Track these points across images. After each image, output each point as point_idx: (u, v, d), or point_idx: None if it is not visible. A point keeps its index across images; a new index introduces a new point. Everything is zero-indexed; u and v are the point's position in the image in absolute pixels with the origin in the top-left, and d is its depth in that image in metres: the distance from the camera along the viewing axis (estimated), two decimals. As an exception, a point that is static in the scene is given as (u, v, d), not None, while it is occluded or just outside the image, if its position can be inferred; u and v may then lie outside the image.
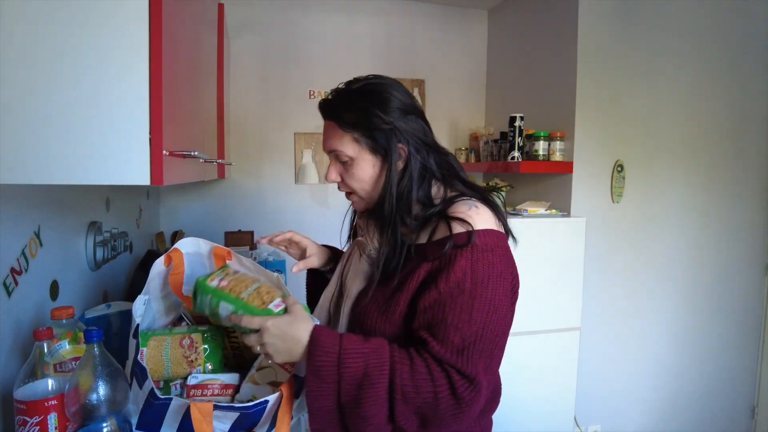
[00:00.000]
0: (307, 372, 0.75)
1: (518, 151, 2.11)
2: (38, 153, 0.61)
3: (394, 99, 0.85)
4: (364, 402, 0.73)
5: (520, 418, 1.91)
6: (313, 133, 2.62)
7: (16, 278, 0.88)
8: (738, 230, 2.41)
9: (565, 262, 1.96)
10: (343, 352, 0.74)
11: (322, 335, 0.76)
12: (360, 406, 0.73)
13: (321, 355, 0.74)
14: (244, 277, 0.86)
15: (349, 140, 0.85)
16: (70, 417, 0.72)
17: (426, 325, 0.77)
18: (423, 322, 0.78)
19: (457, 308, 0.75)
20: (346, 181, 0.90)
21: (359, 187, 0.89)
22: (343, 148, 0.86)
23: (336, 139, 0.86)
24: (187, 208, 2.52)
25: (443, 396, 0.73)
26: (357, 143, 0.85)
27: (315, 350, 0.75)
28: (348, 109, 0.84)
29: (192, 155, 0.78)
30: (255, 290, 0.81)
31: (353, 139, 0.85)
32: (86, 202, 1.29)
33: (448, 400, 0.73)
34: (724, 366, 2.46)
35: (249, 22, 2.49)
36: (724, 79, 2.31)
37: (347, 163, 0.87)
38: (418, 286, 0.80)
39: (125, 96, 0.63)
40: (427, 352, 0.76)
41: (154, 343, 0.87)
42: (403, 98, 0.86)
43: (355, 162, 0.87)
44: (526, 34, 2.48)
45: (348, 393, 0.74)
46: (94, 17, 0.61)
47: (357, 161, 0.86)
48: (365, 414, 0.73)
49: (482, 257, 0.78)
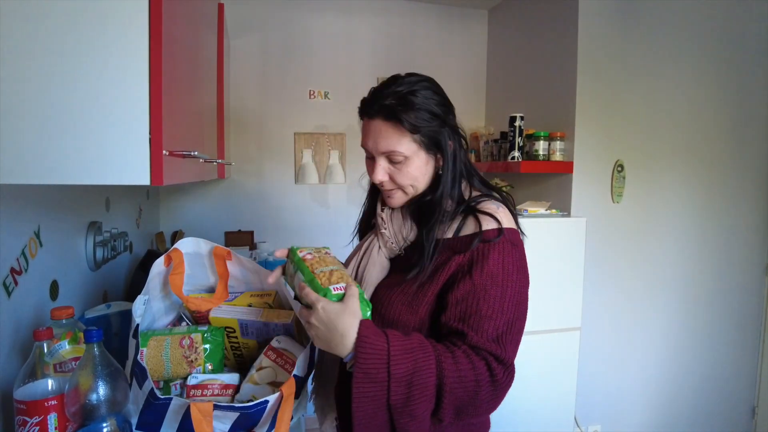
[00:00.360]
0: (356, 375, 0.73)
1: (518, 151, 2.11)
2: (38, 153, 0.61)
3: (446, 99, 0.88)
4: (414, 399, 0.73)
5: (520, 418, 1.91)
6: (312, 133, 2.62)
7: (16, 278, 0.88)
8: (738, 230, 2.41)
9: (565, 262, 1.95)
10: (392, 351, 0.74)
11: (369, 336, 0.74)
12: (410, 404, 0.73)
13: (370, 355, 0.73)
14: (330, 259, 0.86)
15: (409, 141, 0.85)
16: (70, 417, 0.72)
17: (460, 316, 0.80)
18: (456, 313, 0.80)
19: (490, 299, 0.79)
20: (395, 179, 0.89)
21: (409, 183, 0.89)
22: (402, 149, 0.85)
23: (395, 140, 0.85)
24: (187, 208, 2.52)
25: (484, 383, 0.76)
26: (415, 143, 0.86)
27: (363, 350, 0.73)
28: (411, 111, 0.83)
29: (192, 155, 0.78)
30: (329, 270, 0.81)
31: (413, 140, 0.85)
32: (86, 202, 1.29)
33: (487, 387, 0.76)
34: (724, 366, 2.46)
35: (249, 21, 2.49)
36: (724, 79, 2.31)
37: (399, 162, 0.87)
38: (447, 278, 0.83)
39: (125, 96, 0.63)
40: (463, 342, 0.78)
41: (154, 343, 0.87)
42: (446, 96, 0.89)
43: (409, 161, 0.86)
44: (527, 33, 2.48)
45: (397, 392, 0.73)
46: (94, 17, 0.61)
47: (412, 159, 0.86)
48: (414, 412, 0.74)
49: (512, 251, 0.83)
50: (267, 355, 0.88)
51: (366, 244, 0.97)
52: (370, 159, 0.91)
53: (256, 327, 0.92)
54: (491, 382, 0.77)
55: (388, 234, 0.92)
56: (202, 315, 0.95)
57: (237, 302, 0.98)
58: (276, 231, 2.62)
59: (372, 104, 0.86)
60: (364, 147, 0.90)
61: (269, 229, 2.62)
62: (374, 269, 0.92)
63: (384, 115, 0.85)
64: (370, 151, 0.89)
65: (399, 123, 0.83)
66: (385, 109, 0.84)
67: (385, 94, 0.85)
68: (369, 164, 0.92)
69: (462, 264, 0.83)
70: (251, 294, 1.00)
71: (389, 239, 0.92)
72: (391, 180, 0.89)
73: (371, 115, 0.86)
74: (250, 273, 1.01)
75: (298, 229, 2.65)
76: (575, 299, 1.99)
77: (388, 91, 0.85)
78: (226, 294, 0.98)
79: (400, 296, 0.86)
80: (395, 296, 0.86)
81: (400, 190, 0.90)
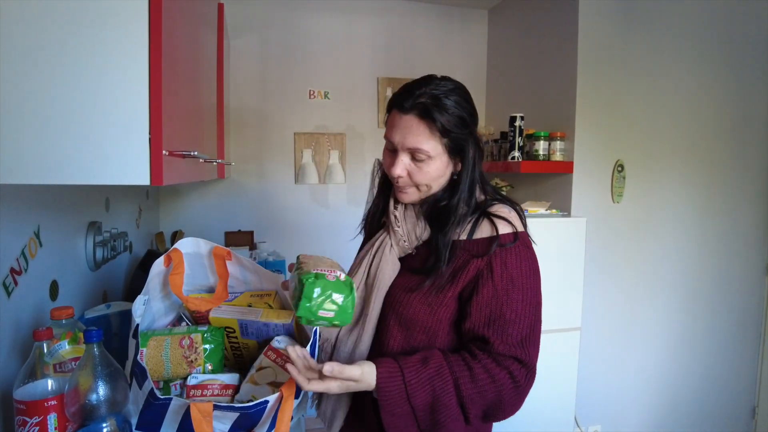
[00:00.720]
0: (382, 412, 0.80)
1: (518, 151, 2.11)
2: (38, 153, 0.61)
3: (474, 108, 0.90)
4: (440, 422, 0.80)
5: (519, 418, 1.90)
6: (312, 133, 2.62)
7: (16, 278, 0.88)
8: (738, 230, 2.41)
9: (566, 262, 1.95)
10: (409, 387, 0.79)
11: (385, 380, 0.79)
12: (438, 426, 0.80)
13: (388, 394, 0.79)
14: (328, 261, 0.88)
15: (437, 142, 0.86)
16: (70, 417, 0.72)
17: (484, 322, 0.83)
18: (481, 319, 0.84)
19: (512, 303, 0.84)
20: (413, 176, 0.89)
21: (426, 182, 0.89)
22: (428, 148, 0.86)
23: (423, 138, 0.85)
24: (186, 208, 2.52)
25: (506, 390, 0.81)
26: (441, 145, 0.87)
27: (381, 393, 0.79)
28: (445, 114, 0.84)
29: (192, 155, 0.78)
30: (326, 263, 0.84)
31: (440, 142, 0.86)
32: (86, 202, 1.28)
33: (510, 393, 0.82)
34: (724, 366, 2.45)
35: (249, 21, 2.49)
36: (724, 78, 2.31)
37: (422, 161, 0.87)
38: (466, 282, 0.86)
39: (125, 96, 0.63)
40: (484, 350, 0.82)
41: (153, 344, 0.87)
42: (474, 105, 0.91)
43: (432, 161, 0.87)
44: (527, 33, 2.48)
45: (423, 419, 0.81)
46: (94, 17, 0.61)
47: (434, 160, 0.87)
48: (446, 427, 0.80)
49: (528, 255, 0.88)
50: (267, 356, 0.88)
51: (378, 242, 0.96)
52: (391, 151, 0.91)
53: (255, 327, 0.92)
54: (514, 387, 0.82)
55: (402, 233, 0.93)
56: (201, 315, 0.94)
57: (237, 302, 0.98)
58: (276, 231, 2.62)
59: (407, 99, 0.86)
60: (388, 138, 0.90)
61: (269, 229, 2.61)
62: (387, 268, 0.92)
63: (418, 111, 0.85)
64: (394, 144, 0.89)
65: (432, 123, 0.84)
66: (420, 106, 0.85)
67: (420, 93, 0.85)
68: (388, 156, 0.91)
69: (481, 268, 0.85)
70: (251, 294, 1.00)
71: (402, 238, 0.93)
72: (409, 176, 0.89)
73: (405, 109, 0.86)
74: (250, 273, 1.01)
75: (298, 229, 2.65)
76: (575, 299, 1.99)
77: (423, 90, 0.85)
78: (225, 294, 0.98)
79: (419, 297, 0.88)
80: (414, 298, 0.88)
81: (414, 187, 0.90)
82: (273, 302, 0.98)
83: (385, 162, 0.93)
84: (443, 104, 0.84)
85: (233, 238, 2.50)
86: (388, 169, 0.92)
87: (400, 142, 0.87)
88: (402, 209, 0.95)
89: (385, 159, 0.93)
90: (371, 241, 0.99)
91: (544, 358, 1.93)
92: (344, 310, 0.77)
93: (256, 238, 2.58)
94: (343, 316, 0.78)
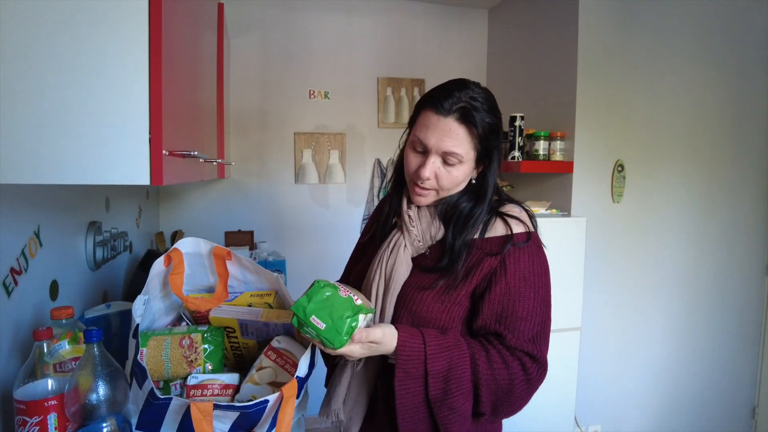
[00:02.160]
0: (397, 373, 0.81)
1: (518, 151, 2.11)
2: (38, 153, 0.61)
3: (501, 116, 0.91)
4: (451, 393, 0.80)
5: (520, 418, 1.90)
6: (312, 133, 2.62)
7: (16, 278, 0.88)
8: (739, 230, 2.41)
9: (566, 262, 1.95)
10: (429, 350, 0.80)
11: (407, 340, 0.81)
12: (448, 398, 0.81)
13: (408, 355, 0.80)
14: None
15: (471, 147, 0.86)
16: (70, 417, 0.72)
17: (496, 318, 0.85)
18: (493, 315, 0.85)
19: (524, 300, 0.85)
20: (440, 180, 0.88)
21: (450, 185, 0.89)
22: (463, 152, 0.85)
23: (458, 142, 0.85)
24: (186, 208, 2.52)
25: (518, 381, 0.82)
26: (474, 150, 0.87)
27: (402, 352, 0.81)
28: (486, 120, 0.85)
29: (192, 155, 0.78)
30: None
31: (473, 147, 0.86)
32: (86, 202, 1.28)
33: (521, 384, 0.83)
34: (724, 366, 2.45)
35: (249, 21, 2.49)
36: (724, 78, 2.31)
37: (452, 165, 0.87)
38: (480, 280, 0.87)
39: (125, 96, 0.63)
40: (499, 342, 0.84)
41: (153, 343, 0.87)
42: None
43: (461, 165, 0.87)
44: (527, 33, 2.48)
45: (435, 387, 0.81)
46: (94, 17, 0.61)
47: (463, 165, 0.87)
48: (454, 405, 0.80)
49: (539, 254, 0.90)
50: (267, 355, 0.88)
51: (392, 242, 0.95)
52: (419, 152, 0.89)
53: (256, 327, 0.92)
54: (525, 380, 0.83)
55: (416, 233, 0.93)
56: (201, 315, 0.94)
57: (237, 302, 0.97)
58: (276, 231, 2.62)
59: (445, 100, 0.84)
60: (420, 139, 0.87)
61: (269, 229, 2.62)
62: (401, 268, 0.92)
63: (460, 116, 0.84)
64: (427, 146, 0.87)
65: (472, 128, 0.84)
66: (461, 110, 0.84)
67: (460, 96, 0.84)
68: (414, 156, 0.90)
69: (494, 266, 0.86)
70: (251, 294, 1.00)
71: (417, 238, 0.93)
72: (435, 179, 0.88)
73: (444, 111, 0.84)
74: (250, 273, 1.01)
75: (298, 229, 2.65)
76: (575, 299, 1.99)
77: (463, 94, 0.84)
78: (225, 294, 0.98)
79: (433, 295, 0.88)
80: (428, 296, 0.89)
81: (435, 191, 0.90)
82: (273, 302, 0.98)
83: (409, 161, 0.90)
84: (483, 110, 0.84)
85: (233, 237, 2.50)
86: (413, 170, 0.89)
87: (436, 145, 0.85)
88: (416, 209, 0.94)
89: (409, 158, 0.91)
90: (386, 241, 0.96)
91: (544, 358, 1.94)
92: (337, 329, 0.74)
93: (256, 237, 2.58)
94: (333, 335, 0.74)
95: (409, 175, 0.92)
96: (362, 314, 0.78)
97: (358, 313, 0.77)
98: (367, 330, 0.78)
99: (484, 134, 0.85)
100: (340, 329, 0.75)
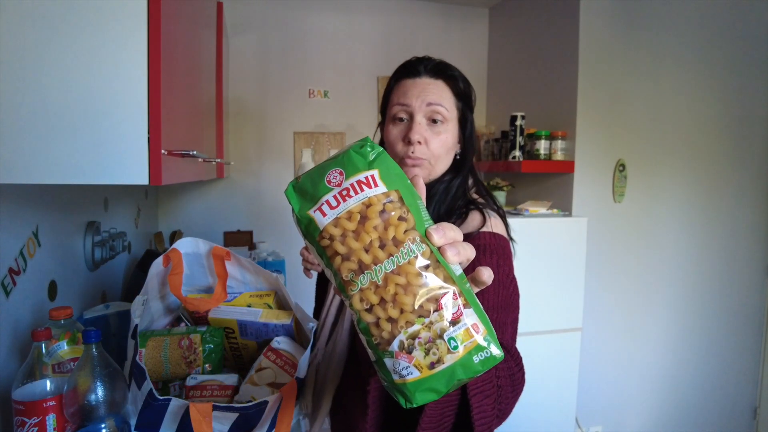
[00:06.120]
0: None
1: (519, 151, 2.10)
2: (37, 153, 0.61)
3: None
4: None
5: (520, 419, 1.90)
6: (312, 133, 2.62)
7: (14, 278, 0.87)
8: (740, 230, 2.41)
9: (567, 262, 1.95)
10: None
11: None
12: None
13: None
14: None
15: (453, 103, 0.88)
16: (69, 418, 0.72)
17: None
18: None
19: (500, 298, 0.80)
20: (429, 144, 0.86)
21: (440, 150, 0.87)
22: (447, 105, 0.87)
23: (440, 94, 0.87)
24: (185, 208, 2.51)
25: (517, 377, 0.75)
26: (456, 109, 0.89)
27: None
28: (458, 78, 0.88)
29: (191, 155, 0.78)
30: None
31: (455, 105, 0.88)
32: (84, 201, 1.28)
33: (519, 381, 0.75)
34: (725, 366, 2.45)
35: (248, 20, 2.48)
36: (725, 78, 2.31)
37: (438, 126, 0.87)
38: None
39: (123, 95, 0.62)
40: None
41: (152, 344, 0.86)
42: None
43: (446, 127, 0.87)
44: (528, 32, 2.48)
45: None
46: (93, 16, 0.61)
47: (448, 127, 0.88)
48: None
49: (507, 256, 0.85)
50: (266, 356, 0.88)
51: None
52: (400, 121, 0.88)
53: (255, 328, 0.92)
54: (520, 375, 0.76)
55: None
56: (201, 315, 0.94)
57: (236, 303, 0.97)
58: (275, 231, 2.62)
59: (419, 65, 0.88)
60: (401, 102, 0.87)
61: (268, 229, 2.61)
62: None
63: (434, 73, 0.88)
64: (410, 108, 0.86)
65: (451, 81, 0.87)
66: (436, 68, 0.88)
67: (431, 59, 0.89)
68: (397, 127, 0.88)
69: None
70: (250, 294, 0.99)
71: None
72: (425, 144, 0.86)
73: (417, 73, 0.88)
74: (249, 273, 1.00)
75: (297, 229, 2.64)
76: (576, 299, 1.99)
77: (433, 60, 0.89)
78: (225, 294, 0.98)
79: None
80: None
81: (427, 161, 0.87)
82: (272, 303, 0.97)
83: (394, 135, 0.88)
84: (454, 70, 0.89)
85: (232, 238, 2.50)
86: (400, 139, 0.87)
87: (419, 100, 0.85)
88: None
89: (392, 134, 0.88)
90: None
91: (545, 359, 1.94)
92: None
93: (256, 238, 2.57)
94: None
95: (396, 151, 0.88)
96: None
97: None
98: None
99: (463, 90, 0.88)
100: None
